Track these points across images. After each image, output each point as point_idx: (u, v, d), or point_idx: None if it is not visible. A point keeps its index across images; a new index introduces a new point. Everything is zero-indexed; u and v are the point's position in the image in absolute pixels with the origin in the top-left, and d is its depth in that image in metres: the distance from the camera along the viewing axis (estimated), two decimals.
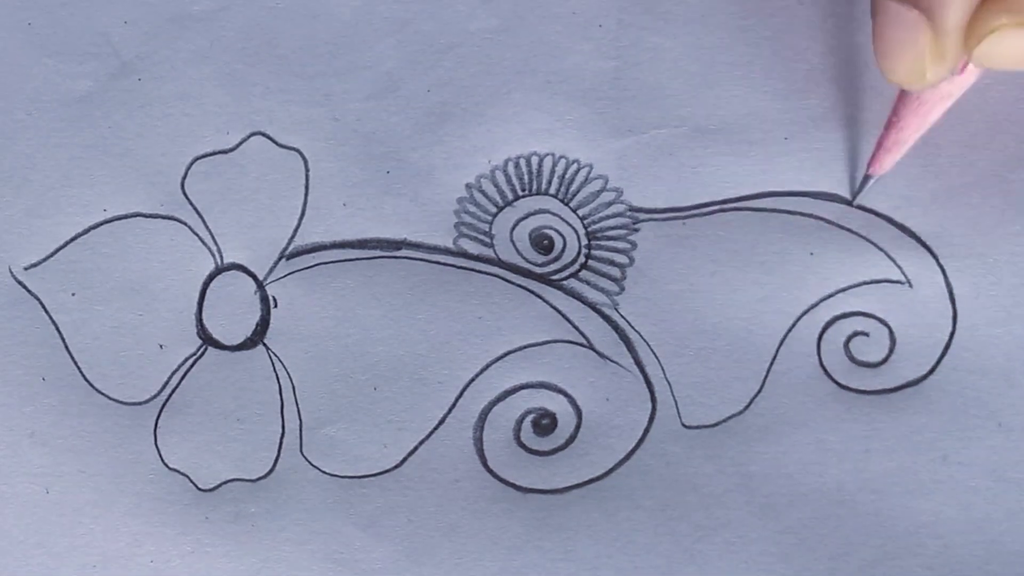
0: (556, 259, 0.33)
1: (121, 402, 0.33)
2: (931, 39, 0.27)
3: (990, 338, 0.32)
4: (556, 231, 0.33)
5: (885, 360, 0.32)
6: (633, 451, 0.32)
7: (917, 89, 0.29)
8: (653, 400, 0.32)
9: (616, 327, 0.33)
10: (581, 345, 0.33)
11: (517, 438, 0.33)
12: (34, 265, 0.34)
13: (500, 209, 0.33)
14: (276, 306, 0.33)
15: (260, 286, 0.33)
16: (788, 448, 0.32)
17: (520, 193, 0.33)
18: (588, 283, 0.33)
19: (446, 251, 0.33)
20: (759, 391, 0.32)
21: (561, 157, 0.33)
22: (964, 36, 0.27)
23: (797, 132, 0.33)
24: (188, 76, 0.34)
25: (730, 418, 0.32)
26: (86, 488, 0.33)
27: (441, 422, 0.33)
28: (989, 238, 0.32)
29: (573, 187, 0.33)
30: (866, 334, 0.32)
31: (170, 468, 0.33)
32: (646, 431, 0.32)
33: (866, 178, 0.32)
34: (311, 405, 0.33)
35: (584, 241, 0.33)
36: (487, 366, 0.33)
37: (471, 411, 0.33)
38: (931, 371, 0.32)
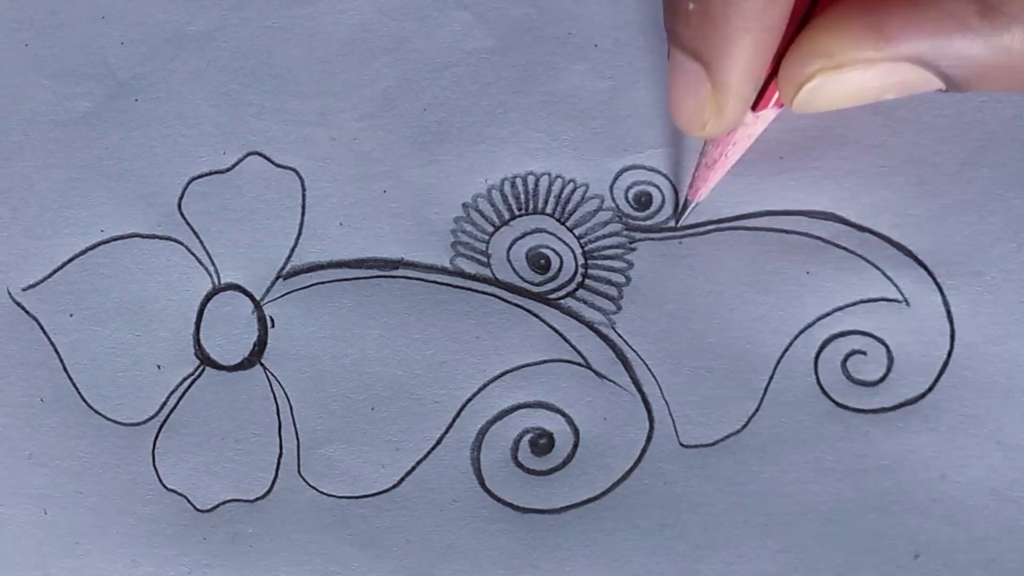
0: (553, 278, 0.33)
1: (119, 423, 0.33)
2: (711, 92, 0.27)
3: (988, 356, 0.32)
4: (553, 250, 0.33)
5: (883, 379, 0.32)
6: (631, 471, 0.32)
7: (699, 137, 0.29)
8: (650, 419, 0.32)
9: (613, 346, 0.33)
10: (578, 364, 0.33)
11: (514, 458, 0.33)
12: (32, 286, 0.34)
13: (497, 228, 0.33)
14: (273, 326, 0.33)
15: (257, 306, 0.33)
16: (786, 467, 0.32)
17: (516, 212, 0.33)
18: (585, 302, 0.33)
19: (443, 270, 0.33)
20: (756, 410, 0.32)
21: (557, 177, 0.33)
22: (781, 84, 0.27)
23: (792, 152, 0.33)
24: (184, 96, 0.34)
25: (728, 437, 0.32)
26: (84, 509, 0.33)
27: (438, 442, 0.33)
28: (986, 256, 0.32)
29: (569, 206, 0.33)
30: (864, 353, 0.32)
31: (168, 488, 0.33)
32: (644, 450, 0.32)
33: (686, 203, 0.32)
34: (309, 425, 0.33)
35: (581, 260, 0.33)
36: (484, 386, 0.33)
37: (468, 431, 0.33)
38: (929, 389, 0.32)
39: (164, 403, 0.33)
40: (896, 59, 0.26)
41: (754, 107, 0.29)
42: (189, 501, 0.33)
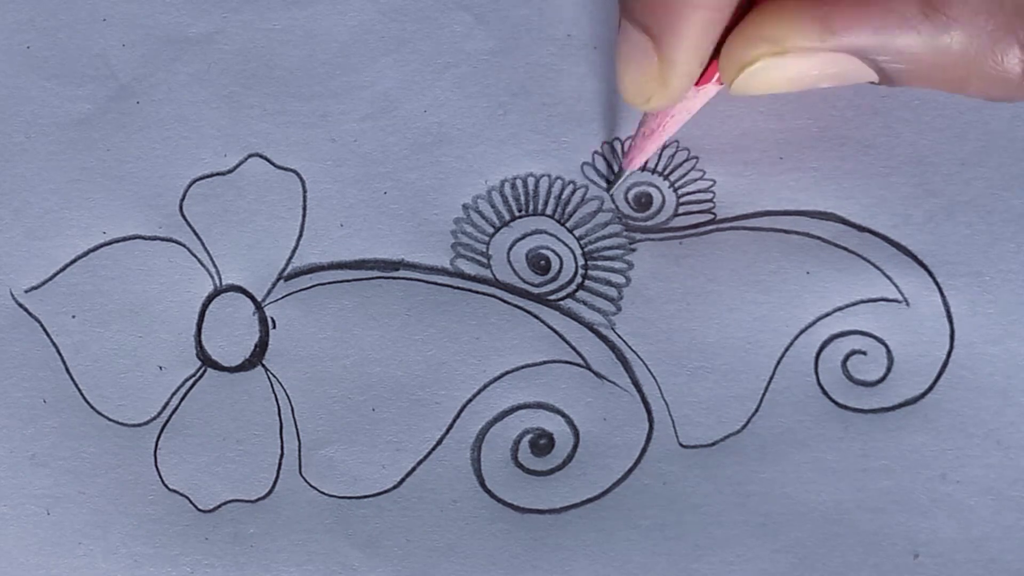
0: (553, 279, 0.33)
1: (121, 423, 0.33)
2: (658, 67, 0.28)
3: (987, 356, 0.32)
4: (553, 251, 0.33)
5: (883, 379, 0.32)
6: (630, 471, 0.32)
7: (644, 109, 0.30)
8: (650, 420, 0.33)
9: (613, 347, 0.33)
10: (578, 365, 0.33)
11: (515, 458, 0.33)
12: (34, 288, 0.34)
13: (497, 230, 0.33)
14: (275, 327, 0.33)
15: (259, 307, 0.34)
16: (786, 467, 0.32)
17: (517, 214, 0.33)
18: (585, 303, 0.33)
19: (443, 272, 0.33)
20: (756, 410, 0.32)
21: (557, 178, 0.33)
22: (722, 64, 0.28)
23: (792, 152, 0.33)
24: (186, 98, 0.34)
25: (727, 437, 0.32)
26: (86, 509, 0.33)
27: (439, 443, 0.33)
28: (986, 256, 0.32)
29: (569, 207, 0.33)
30: (863, 353, 0.32)
31: (170, 489, 0.33)
32: (643, 451, 0.32)
33: (620, 171, 0.33)
34: (310, 426, 0.33)
35: (581, 261, 0.33)
36: (484, 386, 0.33)
37: (469, 432, 0.33)
38: (929, 389, 0.32)
39: (166, 404, 0.33)
40: (838, 50, 0.27)
41: (696, 82, 0.29)
42: (191, 501, 0.33)
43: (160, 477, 0.33)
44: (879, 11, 0.26)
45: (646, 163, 0.33)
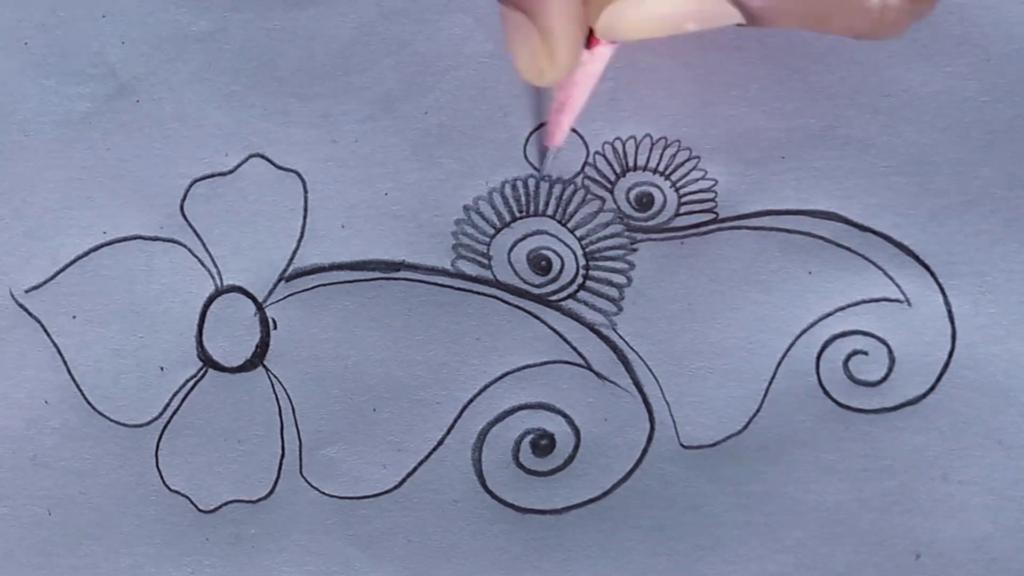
0: (554, 280, 0.33)
1: (122, 424, 0.33)
2: (540, 40, 0.27)
3: (989, 356, 0.32)
4: (554, 252, 0.33)
5: (884, 379, 0.32)
6: (631, 471, 0.32)
7: (543, 85, 0.29)
8: (651, 420, 0.32)
9: (614, 347, 0.33)
10: (579, 366, 0.33)
11: (516, 459, 0.33)
12: (35, 288, 0.34)
13: (498, 230, 0.33)
14: (276, 328, 0.33)
15: (260, 308, 0.34)
16: (787, 467, 0.32)
17: (517, 214, 0.33)
18: (586, 303, 0.33)
19: (444, 272, 0.33)
20: (758, 410, 0.32)
21: (558, 178, 0.33)
22: (589, 10, 0.27)
23: (794, 151, 0.33)
24: (186, 97, 0.34)
25: (729, 438, 0.32)
26: (88, 510, 0.33)
27: (440, 443, 0.33)
28: (988, 256, 0.32)
29: (570, 208, 0.33)
30: (865, 353, 0.32)
31: (171, 490, 0.33)
32: (644, 451, 0.32)
33: (546, 150, 0.33)
34: (311, 426, 0.33)
35: (582, 261, 0.33)
36: (485, 387, 0.33)
37: (470, 432, 0.33)
38: (930, 390, 0.32)
39: (167, 405, 0.33)
40: None
41: (587, 45, 0.29)
42: (192, 502, 0.33)
43: (161, 478, 0.33)
44: None
45: (648, 162, 0.33)
